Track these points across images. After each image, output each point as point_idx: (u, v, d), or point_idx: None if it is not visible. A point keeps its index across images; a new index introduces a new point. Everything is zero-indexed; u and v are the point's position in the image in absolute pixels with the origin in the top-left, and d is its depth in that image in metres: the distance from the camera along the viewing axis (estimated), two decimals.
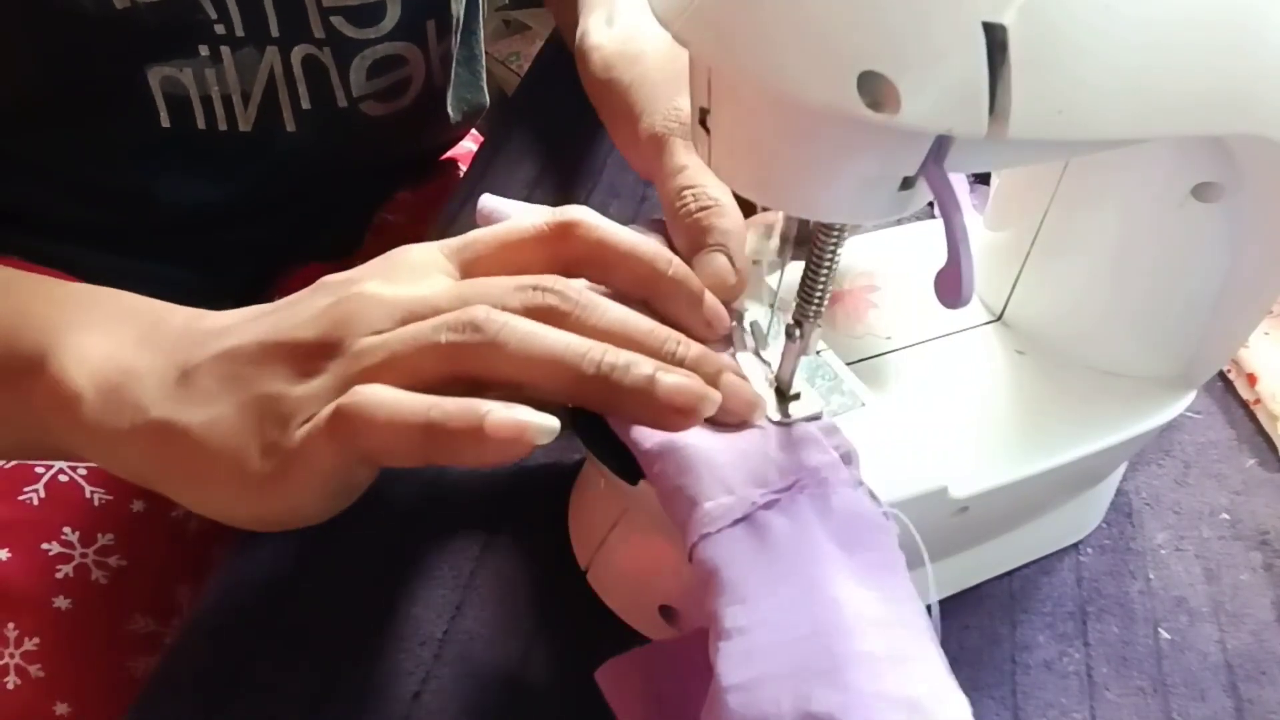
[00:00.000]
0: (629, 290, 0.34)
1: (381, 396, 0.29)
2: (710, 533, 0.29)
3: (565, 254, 0.34)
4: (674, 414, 0.30)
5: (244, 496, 0.31)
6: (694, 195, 0.38)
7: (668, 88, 0.43)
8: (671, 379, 0.30)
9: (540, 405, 0.29)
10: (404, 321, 0.31)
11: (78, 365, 0.33)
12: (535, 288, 0.31)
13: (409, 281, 0.32)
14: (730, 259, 0.37)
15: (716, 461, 0.31)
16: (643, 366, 0.30)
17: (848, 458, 0.33)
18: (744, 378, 0.34)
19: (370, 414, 0.28)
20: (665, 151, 0.40)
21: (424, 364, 0.30)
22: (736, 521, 0.30)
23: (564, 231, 0.33)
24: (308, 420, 0.30)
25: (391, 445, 0.29)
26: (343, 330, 0.31)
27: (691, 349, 0.32)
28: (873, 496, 0.32)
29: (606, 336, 0.31)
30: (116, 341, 0.34)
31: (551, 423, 0.29)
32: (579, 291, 0.32)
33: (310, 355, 0.31)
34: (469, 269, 0.34)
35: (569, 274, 0.33)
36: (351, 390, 0.29)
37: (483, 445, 0.28)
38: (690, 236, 0.38)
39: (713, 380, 0.32)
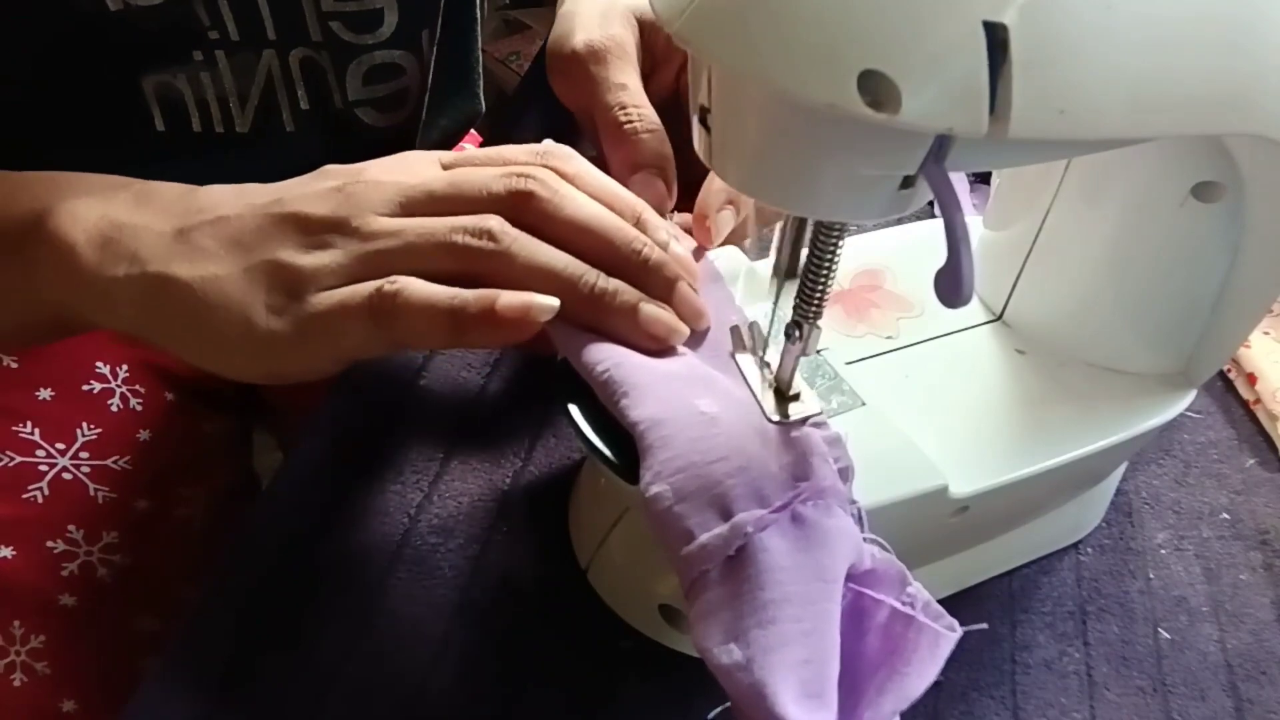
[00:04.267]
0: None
1: (419, 285, 0.33)
2: (708, 570, 0.29)
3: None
4: (648, 339, 0.35)
5: (251, 353, 0.34)
6: (638, 115, 0.42)
7: (604, 19, 0.46)
8: (651, 309, 0.35)
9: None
10: (402, 204, 0.35)
11: (72, 221, 0.35)
12: (520, 174, 0.35)
13: (406, 174, 0.36)
14: (665, 183, 0.41)
15: (713, 476, 0.30)
16: (628, 295, 0.35)
17: (845, 473, 0.33)
18: (695, 288, 0.37)
19: (409, 301, 0.32)
20: (604, 65, 0.43)
21: (436, 258, 0.34)
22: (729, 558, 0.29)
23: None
24: (325, 289, 0.33)
25: (421, 329, 0.33)
26: (347, 209, 0.34)
27: (654, 253, 0.36)
28: (859, 519, 0.32)
29: (580, 230, 0.35)
30: (109, 203, 0.37)
31: (552, 301, 0.33)
32: (559, 182, 0.35)
33: (318, 229, 0.34)
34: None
35: None
36: (394, 279, 0.33)
37: (497, 326, 0.32)
38: (632, 156, 0.41)
39: (669, 286, 0.36)
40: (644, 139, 0.41)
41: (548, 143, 0.38)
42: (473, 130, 0.74)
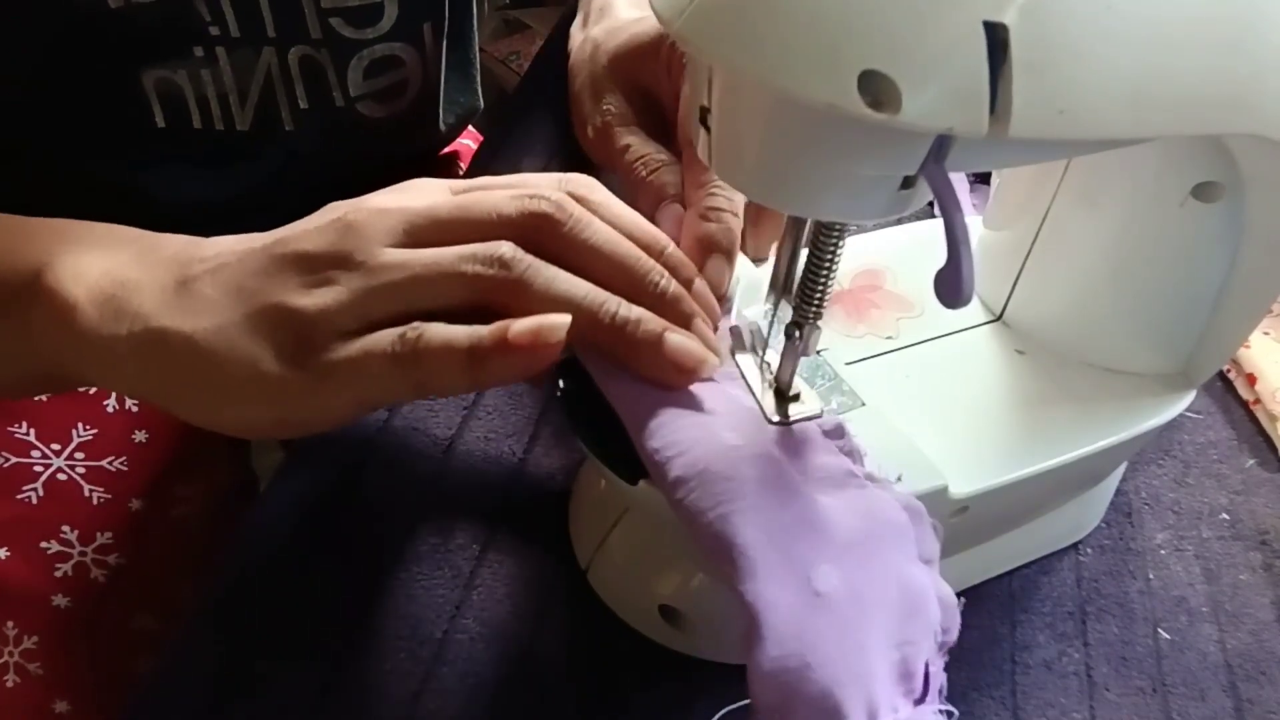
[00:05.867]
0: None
1: (437, 327, 0.31)
2: None
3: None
4: (675, 370, 0.33)
5: (263, 401, 0.32)
6: (641, 159, 0.42)
7: (594, 89, 0.47)
8: (677, 339, 0.33)
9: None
10: (406, 231, 0.33)
11: (74, 279, 0.34)
12: (532, 196, 0.33)
13: (410, 200, 0.34)
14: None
15: (824, 683, 0.28)
16: (652, 324, 0.33)
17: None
18: (714, 327, 0.36)
19: (430, 345, 0.31)
20: (610, 141, 0.44)
21: (446, 290, 0.32)
22: None
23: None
24: (339, 332, 0.32)
25: (443, 372, 0.31)
26: (350, 241, 0.32)
27: (672, 285, 0.34)
28: (941, 690, 0.31)
29: (595, 255, 0.33)
30: (112, 258, 0.35)
31: (562, 319, 0.31)
32: (575, 205, 0.34)
33: (318, 265, 0.32)
34: None
35: None
36: (416, 325, 0.31)
37: (510, 355, 0.31)
38: (650, 195, 0.41)
39: (686, 321, 0.34)
40: (657, 175, 0.41)
41: (572, 175, 0.36)
42: (470, 128, 0.74)
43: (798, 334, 0.33)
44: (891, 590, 0.30)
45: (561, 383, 0.36)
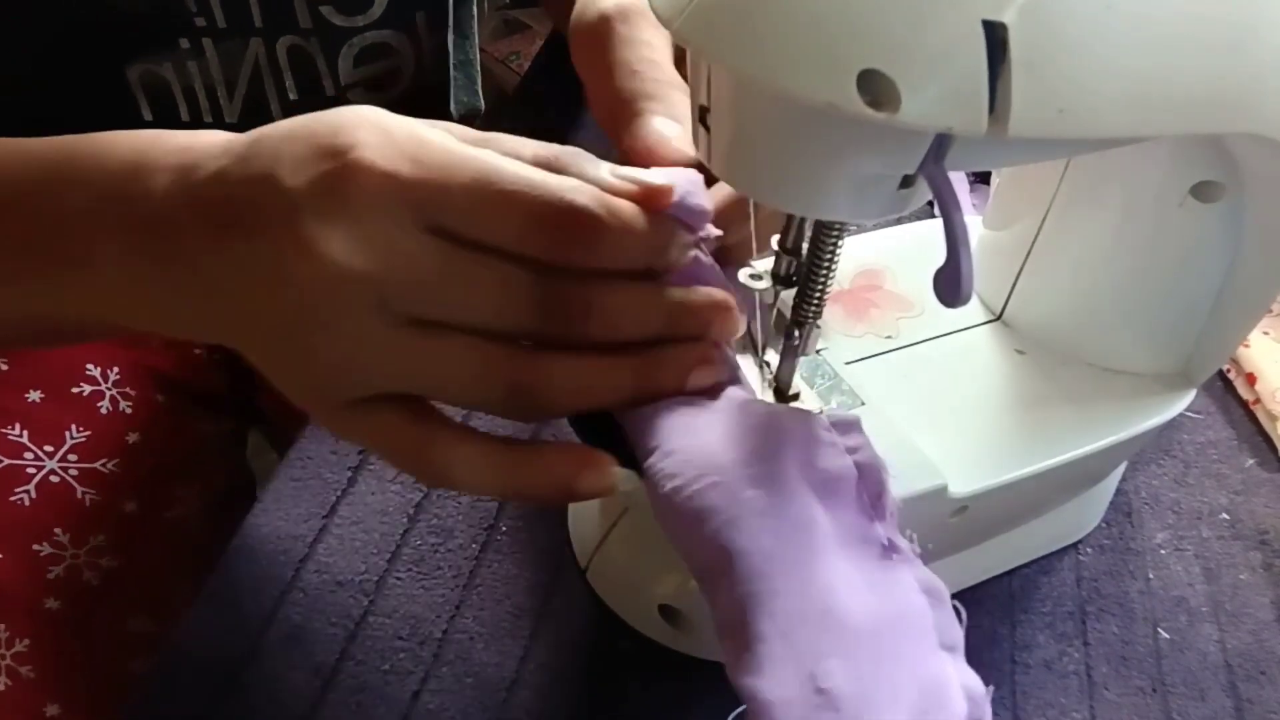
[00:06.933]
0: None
1: (463, 471, 0.29)
2: None
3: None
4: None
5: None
6: (651, 68, 0.35)
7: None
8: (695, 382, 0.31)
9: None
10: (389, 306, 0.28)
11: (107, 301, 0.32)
12: (553, 291, 0.29)
13: (374, 255, 0.27)
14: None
15: None
16: (676, 373, 0.31)
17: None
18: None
19: (451, 477, 0.30)
20: (630, 23, 0.36)
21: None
22: None
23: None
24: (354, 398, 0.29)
25: (470, 490, 0.30)
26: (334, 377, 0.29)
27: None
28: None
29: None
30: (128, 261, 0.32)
31: (632, 481, 0.30)
32: (602, 297, 0.29)
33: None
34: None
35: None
36: (438, 449, 0.30)
37: (571, 496, 0.29)
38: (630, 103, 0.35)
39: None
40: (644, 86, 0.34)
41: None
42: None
43: (797, 333, 0.33)
44: (906, 688, 0.28)
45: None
